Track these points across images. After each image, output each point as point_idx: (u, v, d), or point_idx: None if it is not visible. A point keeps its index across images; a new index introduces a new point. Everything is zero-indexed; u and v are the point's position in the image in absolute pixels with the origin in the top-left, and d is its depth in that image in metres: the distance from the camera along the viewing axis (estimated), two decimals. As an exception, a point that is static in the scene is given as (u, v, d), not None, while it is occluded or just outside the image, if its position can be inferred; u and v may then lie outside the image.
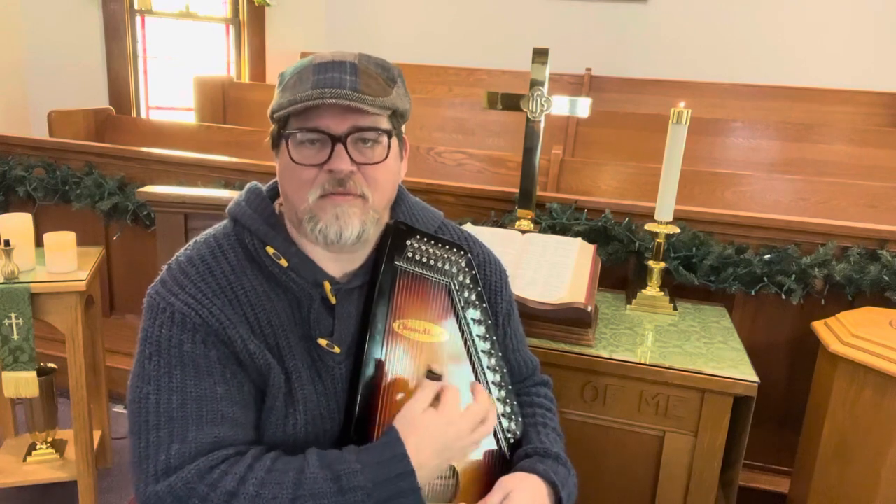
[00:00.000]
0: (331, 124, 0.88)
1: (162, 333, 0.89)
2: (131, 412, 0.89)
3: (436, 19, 4.96)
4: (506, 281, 1.16)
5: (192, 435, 0.86)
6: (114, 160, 2.76)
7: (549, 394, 1.21)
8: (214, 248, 0.96)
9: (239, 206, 0.99)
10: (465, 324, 1.03)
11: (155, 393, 0.87)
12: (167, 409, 0.87)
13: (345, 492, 0.83)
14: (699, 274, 2.08)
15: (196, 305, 0.90)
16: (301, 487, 0.83)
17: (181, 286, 0.91)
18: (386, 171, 0.93)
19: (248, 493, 0.82)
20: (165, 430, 0.86)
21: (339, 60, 0.90)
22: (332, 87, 0.85)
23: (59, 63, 3.84)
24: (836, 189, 2.72)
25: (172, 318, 0.89)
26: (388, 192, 0.96)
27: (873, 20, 4.22)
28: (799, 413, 1.91)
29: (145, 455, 0.86)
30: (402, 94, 0.94)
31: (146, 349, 0.90)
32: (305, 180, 0.90)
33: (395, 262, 0.99)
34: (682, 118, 1.83)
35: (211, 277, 0.92)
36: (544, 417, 1.13)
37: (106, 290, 2.79)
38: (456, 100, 4.03)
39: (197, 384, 0.88)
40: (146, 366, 0.89)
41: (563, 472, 1.04)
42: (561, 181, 3.00)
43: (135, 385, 0.90)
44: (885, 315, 1.79)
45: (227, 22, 4.88)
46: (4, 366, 1.83)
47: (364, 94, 0.86)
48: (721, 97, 4.08)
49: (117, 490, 2.17)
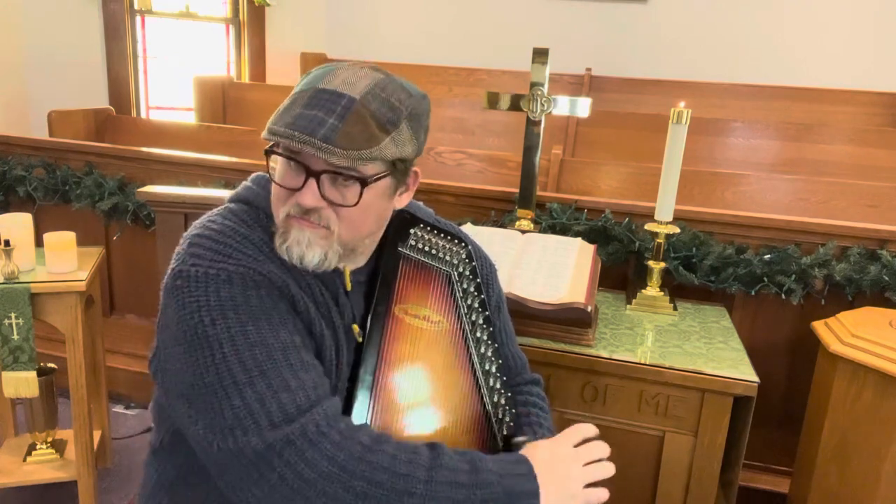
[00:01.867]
0: (309, 158, 0.85)
1: (221, 296, 0.84)
2: (202, 382, 0.82)
3: (436, 19, 4.96)
4: (495, 275, 1.19)
5: (294, 383, 0.82)
6: (114, 160, 2.76)
7: (541, 393, 1.22)
8: (239, 222, 0.92)
9: (250, 191, 0.98)
10: (464, 312, 1.05)
11: (233, 353, 0.81)
12: (255, 364, 0.81)
13: (478, 471, 0.85)
14: (699, 274, 2.08)
15: (252, 264, 0.86)
16: (438, 458, 0.84)
17: (225, 254, 0.87)
18: (359, 211, 0.89)
19: (385, 450, 0.82)
20: (262, 383, 0.81)
21: (335, 92, 0.85)
22: (304, 133, 0.81)
23: (59, 63, 3.84)
24: (836, 189, 2.72)
25: (230, 280, 0.85)
26: (362, 228, 0.92)
27: (873, 20, 4.22)
28: (799, 413, 1.91)
29: (247, 412, 0.79)
30: (405, 140, 0.88)
31: (204, 318, 0.83)
32: (280, 197, 0.90)
33: (399, 248, 1.01)
34: (682, 118, 1.83)
35: (251, 245, 0.89)
36: (538, 417, 1.15)
37: (106, 290, 2.79)
38: (456, 100, 4.03)
39: (276, 335, 0.84)
40: (209, 332, 0.82)
41: None
42: (561, 181, 3.00)
43: (197, 356, 0.82)
44: (885, 315, 1.79)
45: (227, 22, 4.88)
46: (4, 366, 1.83)
47: (335, 147, 0.81)
48: (721, 97, 4.08)
49: (117, 490, 2.17)
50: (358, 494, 0.79)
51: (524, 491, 0.87)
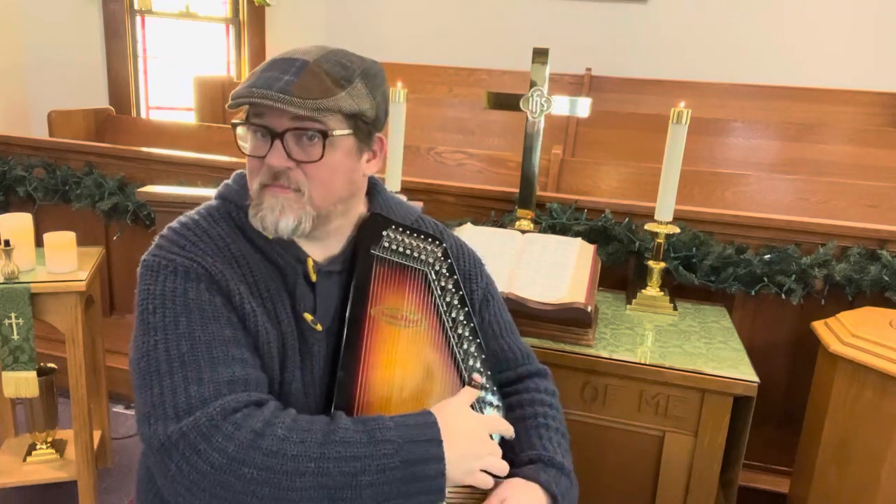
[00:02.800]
0: (272, 120, 0.90)
1: (166, 286, 0.90)
2: (138, 367, 0.88)
3: (436, 19, 4.96)
4: (481, 268, 1.19)
5: (207, 376, 0.86)
6: (114, 160, 2.76)
7: (548, 387, 1.16)
8: (206, 217, 0.99)
9: (227, 187, 1.03)
10: (443, 310, 1.06)
11: (163, 342, 0.87)
12: (178, 355, 0.86)
13: (376, 443, 0.84)
14: (699, 274, 2.08)
15: (199, 258, 0.92)
16: (332, 434, 0.84)
17: (180, 246, 0.93)
18: (326, 168, 0.92)
19: (275, 434, 0.82)
20: (179, 375, 0.85)
21: (289, 58, 0.92)
22: (261, 88, 0.87)
23: (59, 63, 3.84)
24: (836, 189, 2.72)
25: (175, 272, 0.91)
26: (332, 189, 0.95)
27: (873, 20, 4.22)
28: (799, 413, 1.91)
29: (160, 401, 0.84)
30: (360, 94, 0.93)
31: (149, 305, 0.90)
32: (252, 169, 0.95)
33: (372, 251, 1.02)
34: (682, 118, 1.83)
35: (208, 238, 0.95)
36: (545, 417, 1.09)
37: (106, 290, 2.79)
38: (456, 100, 4.03)
39: (204, 328, 0.88)
40: (150, 320, 0.89)
41: (566, 484, 1.02)
42: (561, 181, 3.00)
43: (139, 342, 0.89)
44: (885, 315, 1.79)
45: (227, 22, 4.88)
46: (4, 366, 1.83)
47: (292, 97, 0.86)
48: (721, 97, 4.08)
49: (117, 490, 2.17)
50: (250, 481, 0.80)
51: (427, 457, 0.86)
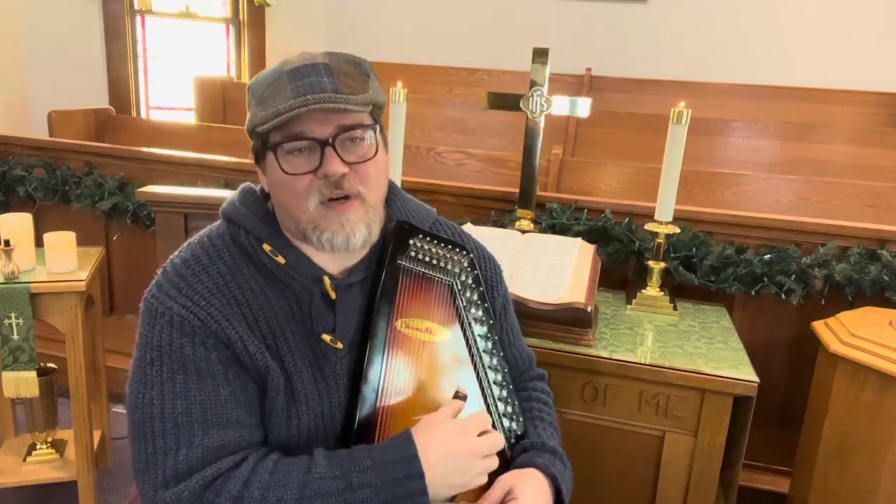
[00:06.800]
0: (315, 129, 0.87)
1: (162, 338, 0.89)
2: (134, 418, 0.89)
3: (436, 19, 4.96)
4: (500, 275, 1.17)
5: (198, 440, 0.86)
6: (114, 160, 2.76)
7: (545, 388, 1.21)
8: (209, 248, 0.95)
9: (233, 206, 0.98)
10: (467, 324, 1.03)
11: (159, 398, 0.87)
12: (172, 415, 0.87)
13: (354, 489, 0.83)
14: (699, 274, 2.08)
15: (194, 307, 0.90)
16: (307, 487, 0.83)
17: (178, 288, 0.91)
18: (377, 166, 0.92)
19: (252, 496, 0.82)
20: (172, 436, 0.86)
21: (310, 64, 0.88)
22: (315, 93, 0.84)
23: (59, 63, 3.84)
24: (836, 189, 2.72)
25: (171, 322, 0.89)
26: (382, 186, 0.96)
27: (873, 20, 4.22)
28: (799, 413, 1.91)
29: (152, 461, 0.86)
30: (378, 86, 0.93)
31: (147, 354, 0.90)
32: (301, 190, 0.89)
33: (399, 261, 0.99)
34: (682, 118, 1.83)
35: (207, 277, 0.92)
36: (541, 412, 1.14)
37: (106, 290, 2.79)
38: (456, 100, 4.03)
39: (200, 388, 0.88)
40: (148, 371, 0.89)
41: (560, 467, 1.04)
42: (561, 181, 3.00)
43: (136, 391, 0.89)
44: (885, 315, 1.79)
45: (227, 22, 4.88)
46: (4, 366, 1.83)
47: (346, 94, 0.85)
48: (721, 97, 4.08)
49: (117, 490, 2.17)
50: None
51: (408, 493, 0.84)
